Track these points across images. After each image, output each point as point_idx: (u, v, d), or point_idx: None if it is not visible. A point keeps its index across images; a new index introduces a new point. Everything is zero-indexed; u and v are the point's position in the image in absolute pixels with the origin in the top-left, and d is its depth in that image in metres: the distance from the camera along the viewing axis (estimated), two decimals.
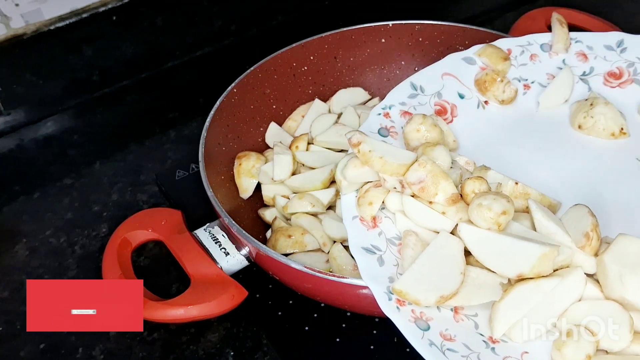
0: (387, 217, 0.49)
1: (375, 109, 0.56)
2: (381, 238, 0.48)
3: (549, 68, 0.61)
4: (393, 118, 0.56)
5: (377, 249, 0.47)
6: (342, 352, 0.53)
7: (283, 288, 0.55)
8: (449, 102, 0.59)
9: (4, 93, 0.76)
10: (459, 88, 0.60)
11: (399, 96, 0.58)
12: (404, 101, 0.58)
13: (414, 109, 0.57)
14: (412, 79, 0.59)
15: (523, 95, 0.60)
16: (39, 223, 0.67)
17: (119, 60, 0.82)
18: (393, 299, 0.43)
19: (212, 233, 0.57)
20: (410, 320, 0.42)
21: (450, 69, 0.60)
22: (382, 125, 0.55)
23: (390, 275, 0.45)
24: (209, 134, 0.59)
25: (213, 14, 0.86)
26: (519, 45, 0.62)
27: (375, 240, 0.47)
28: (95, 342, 0.55)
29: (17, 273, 0.62)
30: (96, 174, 0.73)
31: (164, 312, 0.52)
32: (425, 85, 0.59)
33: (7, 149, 0.77)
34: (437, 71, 0.60)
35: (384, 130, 0.55)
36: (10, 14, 0.73)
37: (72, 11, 0.76)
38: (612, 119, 0.55)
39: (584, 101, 0.57)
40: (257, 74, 0.67)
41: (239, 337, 0.55)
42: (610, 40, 0.60)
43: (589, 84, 0.59)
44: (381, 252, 0.46)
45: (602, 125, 0.55)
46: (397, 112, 0.57)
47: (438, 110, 0.58)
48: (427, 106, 0.58)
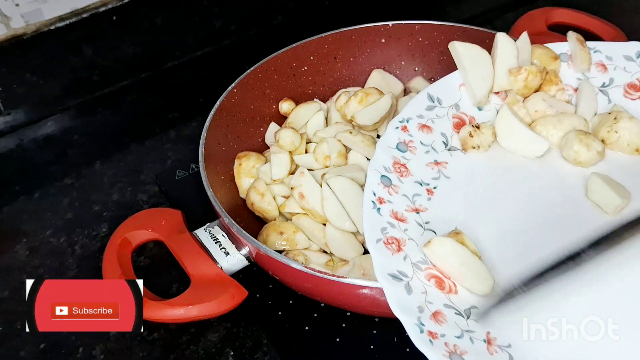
0: (410, 240, 0.47)
1: (392, 122, 0.55)
2: (407, 263, 0.45)
3: (567, 79, 0.59)
4: (411, 132, 0.54)
5: (404, 275, 0.44)
6: (342, 352, 0.53)
7: (283, 288, 0.55)
8: (467, 114, 0.57)
9: (4, 93, 0.76)
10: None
11: (416, 108, 0.56)
12: (421, 114, 0.56)
13: (432, 122, 0.56)
14: (429, 90, 0.57)
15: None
16: (39, 223, 0.67)
17: (119, 60, 0.82)
18: (425, 331, 0.41)
19: (212, 233, 0.57)
20: (444, 355, 0.40)
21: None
22: (401, 139, 0.54)
23: (419, 304, 0.43)
24: (209, 134, 0.59)
25: (213, 14, 0.86)
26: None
27: (401, 265, 0.45)
28: (95, 342, 0.55)
29: (17, 273, 0.62)
30: (96, 174, 0.73)
31: (164, 312, 0.52)
32: (443, 96, 0.57)
33: (7, 149, 0.77)
34: (454, 82, 0.58)
35: (402, 145, 0.53)
36: (10, 14, 0.73)
37: (72, 11, 0.76)
38: (637, 134, 0.54)
39: (607, 114, 0.56)
40: (257, 74, 0.67)
41: (239, 337, 0.55)
42: (629, 50, 0.58)
43: (609, 95, 0.58)
44: (408, 279, 0.44)
45: (626, 141, 0.54)
46: (415, 126, 0.55)
47: (456, 123, 0.57)
48: (445, 119, 0.56)
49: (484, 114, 0.57)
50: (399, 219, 0.49)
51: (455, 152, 0.55)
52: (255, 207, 0.60)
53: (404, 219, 0.49)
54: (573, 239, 0.45)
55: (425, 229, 0.49)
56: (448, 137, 0.56)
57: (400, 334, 0.53)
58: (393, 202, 0.49)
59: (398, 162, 0.52)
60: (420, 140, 0.54)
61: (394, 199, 0.50)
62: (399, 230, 0.48)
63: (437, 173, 0.53)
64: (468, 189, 0.53)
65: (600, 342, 0.42)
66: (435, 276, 0.45)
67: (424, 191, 0.52)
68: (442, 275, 0.45)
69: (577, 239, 0.45)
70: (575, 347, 0.42)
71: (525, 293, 0.44)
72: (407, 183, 0.51)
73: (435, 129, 0.56)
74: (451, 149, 0.55)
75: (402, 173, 0.52)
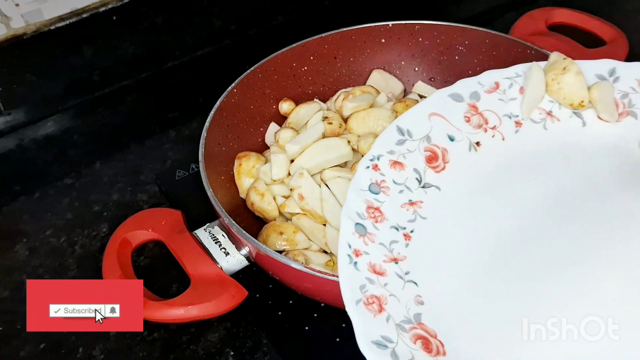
0: (392, 296, 0.44)
1: (362, 162, 0.50)
2: (390, 325, 0.42)
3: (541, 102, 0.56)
4: (383, 170, 0.50)
5: (389, 341, 0.41)
6: (342, 352, 0.53)
7: (283, 288, 0.55)
8: (439, 146, 0.53)
9: (4, 93, 0.76)
10: (447, 129, 0.54)
11: (386, 144, 0.52)
12: (392, 149, 0.51)
13: (404, 157, 0.51)
14: (398, 122, 0.53)
15: (515, 134, 0.54)
16: (39, 223, 0.67)
17: (119, 60, 0.82)
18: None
19: (212, 233, 0.57)
20: None
21: (437, 108, 0.54)
22: (372, 180, 0.49)
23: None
24: (209, 134, 0.59)
25: (213, 14, 0.86)
26: (507, 77, 0.56)
27: (384, 329, 0.42)
28: (95, 342, 0.55)
29: (17, 273, 0.62)
30: (96, 174, 0.73)
31: (164, 312, 0.52)
32: (412, 128, 0.53)
33: (7, 149, 0.77)
34: (424, 111, 0.54)
35: (374, 186, 0.49)
36: (10, 14, 0.73)
37: (72, 11, 0.76)
38: (576, 92, 0.53)
39: (562, 60, 0.54)
40: (257, 74, 0.67)
41: (239, 337, 0.55)
42: (601, 68, 0.55)
43: (582, 117, 0.54)
44: (393, 345, 0.41)
45: (564, 94, 0.53)
46: (386, 163, 0.50)
47: (429, 157, 0.52)
48: (416, 152, 0.52)
49: (456, 144, 0.53)
50: (377, 272, 0.45)
51: (429, 189, 0.51)
52: (255, 207, 0.60)
53: (383, 271, 0.45)
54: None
55: (405, 280, 0.45)
56: (421, 172, 0.52)
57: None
58: (370, 252, 0.46)
59: (371, 205, 0.48)
60: (393, 179, 0.50)
61: (371, 249, 0.46)
62: (379, 285, 0.44)
63: (412, 214, 0.49)
64: (446, 229, 0.49)
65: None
66: (421, 337, 0.43)
67: (401, 237, 0.48)
68: (428, 335, 0.43)
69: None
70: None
71: None
72: (383, 229, 0.47)
73: (407, 165, 0.51)
74: (425, 186, 0.51)
75: (376, 218, 0.48)
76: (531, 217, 0.49)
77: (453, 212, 0.50)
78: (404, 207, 0.49)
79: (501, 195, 0.51)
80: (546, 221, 0.48)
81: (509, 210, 0.49)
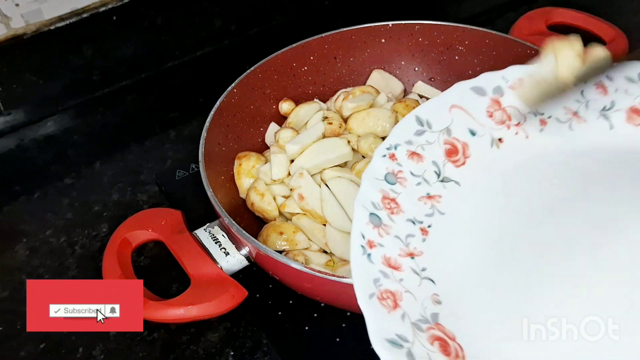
0: (407, 292, 0.42)
1: (379, 150, 0.48)
2: (405, 323, 0.40)
3: (565, 100, 0.53)
4: (400, 160, 0.48)
5: (404, 340, 0.39)
6: (342, 352, 0.53)
7: (283, 288, 0.55)
8: (460, 139, 0.51)
9: (4, 93, 0.76)
10: (469, 123, 0.51)
11: (404, 133, 0.49)
12: (410, 139, 0.49)
13: (422, 149, 0.49)
14: (417, 112, 0.51)
15: (539, 132, 0.52)
16: (39, 223, 0.67)
17: (119, 60, 0.82)
18: None
19: (212, 233, 0.57)
20: None
21: (459, 100, 0.52)
22: (389, 169, 0.47)
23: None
24: (209, 134, 0.59)
25: (213, 14, 0.86)
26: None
27: (399, 327, 0.39)
28: (95, 342, 0.55)
29: (17, 273, 0.62)
30: (96, 174, 0.73)
31: (164, 312, 0.52)
32: (432, 119, 0.51)
33: (7, 149, 0.77)
34: (445, 103, 0.51)
35: (391, 176, 0.47)
36: (11, 14, 0.73)
37: (72, 11, 0.76)
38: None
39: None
40: (257, 74, 0.67)
41: (239, 337, 0.55)
42: (631, 72, 0.53)
43: (610, 120, 0.52)
44: (409, 345, 0.39)
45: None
46: (404, 153, 0.48)
47: (449, 150, 0.50)
48: (436, 145, 0.50)
49: (478, 139, 0.51)
50: (392, 266, 0.43)
51: (449, 184, 0.49)
52: (255, 207, 0.60)
53: (398, 266, 0.43)
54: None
55: (422, 277, 0.43)
56: (440, 166, 0.50)
57: None
58: (384, 245, 0.43)
59: (387, 196, 0.46)
60: (410, 170, 0.48)
61: (386, 241, 0.44)
62: (394, 280, 0.42)
63: (430, 209, 0.48)
64: (464, 225, 0.47)
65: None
66: (439, 338, 0.40)
67: (418, 231, 0.46)
68: (447, 337, 0.41)
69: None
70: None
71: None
72: (399, 222, 0.46)
73: (426, 157, 0.49)
74: (444, 180, 0.49)
75: (392, 210, 0.46)
76: (548, 219, 0.47)
77: (471, 208, 0.48)
78: (421, 201, 0.48)
79: (520, 194, 0.49)
80: (561, 222, 0.47)
81: (525, 210, 0.48)
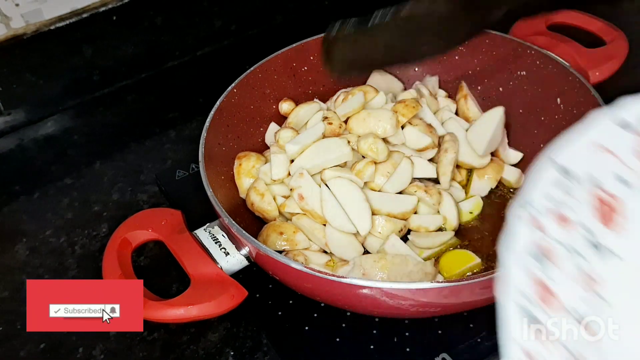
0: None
1: (515, 209, 0.34)
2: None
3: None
4: (546, 228, 0.34)
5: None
6: (342, 352, 0.53)
7: (283, 288, 0.55)
8: (611, 193, 0.34)
9: (4, 93, 0.76)
10: (617, 169, 0.34)
11: (544, 188, 0.35)
12: (553, 196, 0.34)
13: (571, 210, 0.34)
14: (557, 157, 0.35)
15: None
16: (39, 223, 0.67)
17: (119, 60, 0.82)
18: None
19: (212, 233, 0.57)
20: None
21: (601, 138, 0.35)
22: (536, 242, 0.33)
23: None
24: (209, 134, 0.59)
25: (213, 14, 0.86)
26: None
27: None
28: (95, 342, 0.55)
29: (17, 273, 0.62)
30: (96, 174, 0.73)
31: (164, 312, 0.52)
32: (576, 167, 0.35)
33: (7, 149, 0.77)
34: (588, 141, 0.35)
35: (538, 252, 0.33)
36: (11, 14, 0.73)
37: (72, 11, 0.76)
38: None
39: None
40: (257, 74, 0.67)
41: (239, 337, 0.55)
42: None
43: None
44: None
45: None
46: (549, 218, 0.34)
47: (600, 209, 0.34)
48: (582, 202, 0.34)
49: (632, 192, 0.33)
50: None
51: (605, 254, 0.33)
52: (255, 207, 0.60)
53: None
54: None
55: None
56: (592, 229, 0.34)
57: (400, 334, 0.53)
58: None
59: (539, 281, 0.33)
60: (560, 241, 0.34)
61: (547, 351, 0.33)
62: None
63: (593, 296, 0.33)
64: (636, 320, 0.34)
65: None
66: None
67: (583, 332, 0.33)
68: None
69: None
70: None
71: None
72: (560, 320, 0.34)
73: (573, 221, 0.34)
74: (598, 247, 0.33)
75: (547, 301, 0.33)
76: None
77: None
78: (578, 285, 0.34)
79: None
80: None
81: None
